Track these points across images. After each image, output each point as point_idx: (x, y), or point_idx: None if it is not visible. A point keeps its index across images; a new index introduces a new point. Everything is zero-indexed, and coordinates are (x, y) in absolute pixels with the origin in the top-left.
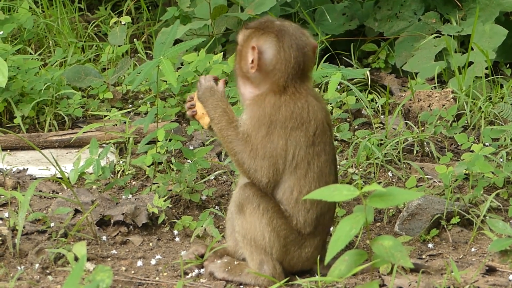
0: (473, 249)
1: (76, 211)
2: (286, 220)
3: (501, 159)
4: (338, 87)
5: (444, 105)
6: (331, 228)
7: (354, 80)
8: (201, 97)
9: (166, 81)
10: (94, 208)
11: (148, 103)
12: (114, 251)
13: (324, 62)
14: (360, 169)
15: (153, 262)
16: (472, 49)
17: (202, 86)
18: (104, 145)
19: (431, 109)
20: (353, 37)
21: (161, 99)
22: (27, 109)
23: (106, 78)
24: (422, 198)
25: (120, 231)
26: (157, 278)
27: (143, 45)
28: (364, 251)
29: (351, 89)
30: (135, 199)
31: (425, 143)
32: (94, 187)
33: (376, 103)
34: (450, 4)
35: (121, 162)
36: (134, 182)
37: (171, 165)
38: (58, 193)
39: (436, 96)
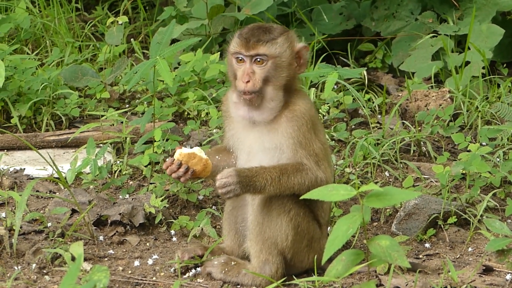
0: (470, 249)
1: (73, 211)
2: (311, 224)
3: (498, 159)
4: (335, 86)
5: (441, 105)
6: (328, 228)
7: (351, 79)
8: (243, 190)
9: (163, 81)
10: (91, 208)
11: (145, 103)
12: (111, 251)
13: (321, 62)
14: (357, 169)
15: (150, 262)
16: (469, 48)
17: (233, 184)
18: (101, 145)
19: (428, 109)
20: (350, 36)
21: (158, 99)
22: (24, 109)
23: (103, 78)
24: (419, 198)
25: (117, 231)
26: (154, 278)
27: (140, 45)
28: (361, 250)
29: (348, 89)
30: (132, 199)
31: (422, 143)
32: (91, 187)
33: (373, 102)
34: (447, 3)
35: (118, 162)
36: (131, 182)
37: None
38: (55, 193)
39: (433, 96)
